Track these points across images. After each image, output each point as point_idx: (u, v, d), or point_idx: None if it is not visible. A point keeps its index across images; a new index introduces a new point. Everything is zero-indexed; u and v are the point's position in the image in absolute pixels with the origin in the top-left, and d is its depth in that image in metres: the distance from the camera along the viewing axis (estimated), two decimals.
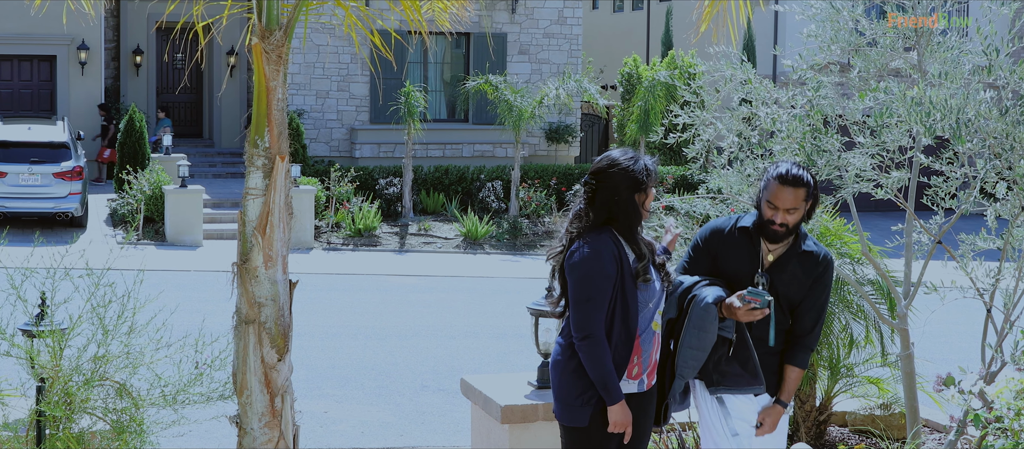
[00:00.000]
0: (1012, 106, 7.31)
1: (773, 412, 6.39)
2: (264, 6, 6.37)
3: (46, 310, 6.98)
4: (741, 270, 6.31)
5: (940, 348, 13.88)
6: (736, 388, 6.29)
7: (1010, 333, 7.77)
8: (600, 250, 5.96)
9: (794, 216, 6.20)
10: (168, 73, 34.31)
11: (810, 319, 6.36)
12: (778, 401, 6.40)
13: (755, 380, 6.27)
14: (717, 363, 6.29)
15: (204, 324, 7.46)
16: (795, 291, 6.29)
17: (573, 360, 6.07)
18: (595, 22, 41.64)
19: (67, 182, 23.54)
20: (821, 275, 6.33)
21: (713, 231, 6.46)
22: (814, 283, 6.32)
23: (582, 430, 6.09)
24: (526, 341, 9.15)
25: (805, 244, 6.33)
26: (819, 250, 6.36)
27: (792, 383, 6.41)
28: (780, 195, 6.17)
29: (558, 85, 26.29)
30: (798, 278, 6.28)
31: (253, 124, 6.43)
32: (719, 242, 6.41)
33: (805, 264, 6.29)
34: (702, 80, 9.25)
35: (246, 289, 6.41)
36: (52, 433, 6.88)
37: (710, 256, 6.43)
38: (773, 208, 6.20)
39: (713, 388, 6.34)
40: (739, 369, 6.27)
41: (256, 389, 6.45)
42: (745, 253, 6.33)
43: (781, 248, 6.32)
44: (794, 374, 6.40)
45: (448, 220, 27.22)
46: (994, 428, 5.71)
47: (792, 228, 6.24)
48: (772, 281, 6.27)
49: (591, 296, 5.92)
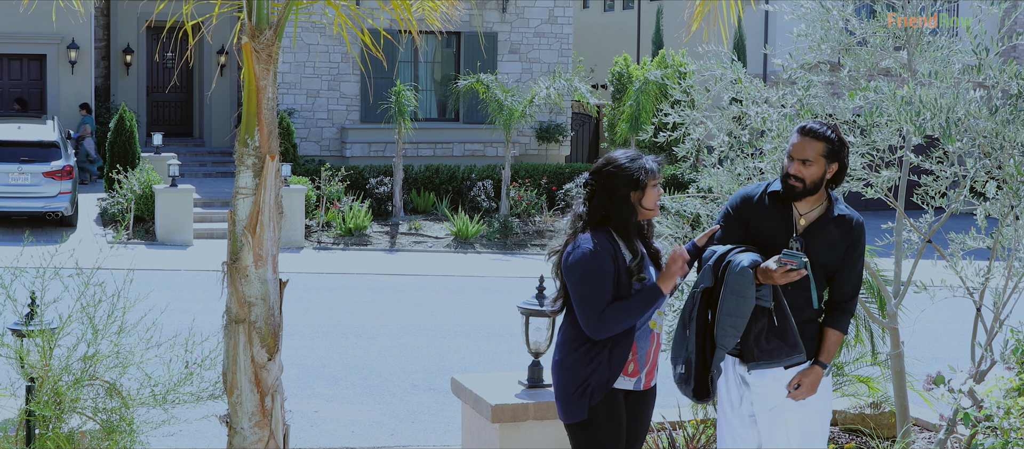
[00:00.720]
0: (1001, 105, 7.33)
1: (811, 373, 6.26)
2: (254, 5, 6.37)
3: (36, 310, 6.96)
4: (775, 235, 6.24)
5: (930, 347, 13.90)
6: (776, 361, 6.18)
7: (999, 332, 7.78)
8: (595, 248, 5.97)
9: (810, 171, 6.14)
10: (158, 72, 34.27)
11: (850, 285, 6.29)
12: (817, 362, 6.28)
13: (795, 350, 6.15)
14: (757, 338, 6.18)
15: (194, 323, 7.45)
16: (830, 256, 6.21)
17: (570, 357, 6.09)
18: (586, 21, 41.64)
19: (57, 181, 23.49)
20: (856, 239, 6.26)
21: (743, 198, 6.40)
22: (850, 248, 6.24)
23: (582, 424, 6.09)
24: (517, 340, 9.15)
25: (838, 207, 6.27)
26: (852, 214, 6.29)
27: (832, 345, 6.30)
28: (796, 145, 6.15)
29: (549, 84, 26.28)
30: (833, 242, 6.21)
31: (243, 123, 6.42)
32: (750, 209, 6.34)
33: (839, 228, 6.23)
34: (692, 79, 9.26)
35: (236, 288, 6.41)
36: (42, 433, 6.87)
37: (742, 224, 6.35)
38: (790, 159, 6.19)
39: (753, 364, 6.23)
40: (778, 342, 6.16)
41: (246, 388, 6.44)
42: (777, 218, 6.26)
43: (814, 212, 6.25)
44: (834, 336, 6.29)
45: (439, 219, 27.21)
46: (984, 427, 5.72)
47: (809, 185, 6.16)
48: (806, 246, 6.19)
49: (594, 290, 5.93)
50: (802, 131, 6.19)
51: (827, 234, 6.21)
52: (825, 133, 6.16)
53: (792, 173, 6.18)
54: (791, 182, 6.19)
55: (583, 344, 6.06)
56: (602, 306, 5.92)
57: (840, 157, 6.21)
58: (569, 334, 6.15)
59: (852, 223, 6.26)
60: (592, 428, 6.09)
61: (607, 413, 6.06)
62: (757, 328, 6.19)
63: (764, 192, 6.36)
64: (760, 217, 6.31)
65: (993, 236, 7.88)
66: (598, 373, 6.03)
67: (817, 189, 6.22)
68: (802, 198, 6.23)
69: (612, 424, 6.08)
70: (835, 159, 6.19)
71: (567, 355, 6.11)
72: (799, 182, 6.17)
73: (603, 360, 6.03)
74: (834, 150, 6.17)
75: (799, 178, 6.17)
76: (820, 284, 6.26)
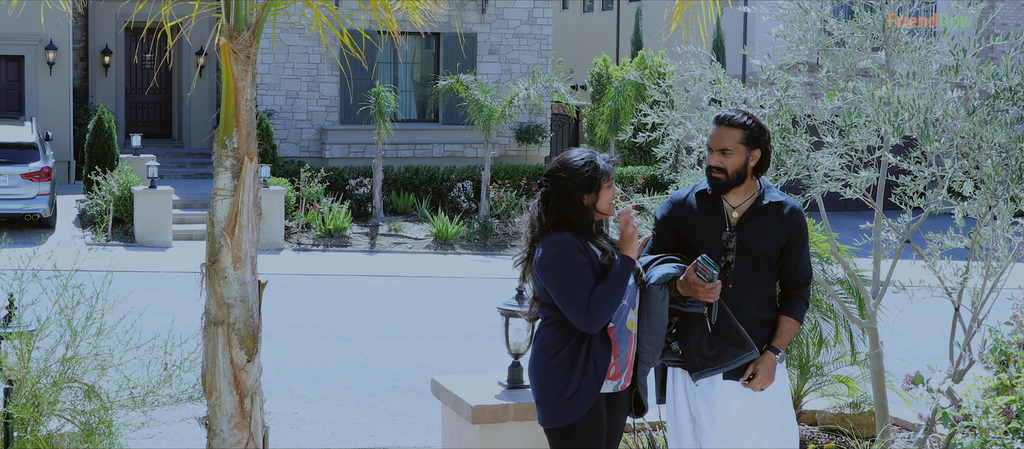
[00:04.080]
0: (979, 106, 7.35)
1: (764, 359, 6.17)
2: (232, 6, 6.35)
3: (14, 312, 6.94)
4: (708, 233, 6.21)
5: (909, 347, 13.94)
6: (725, 363, 6.10)
7: (978, 332, 7.80)
8: (566, 246, 5.94)
9: (731, 160, 6.12)
10: (137, 73, 34.16)
11: (800, 273, 6.26)
12: (769, 347, 6.21)
13: (743, 347, 6.08)
14: (698, 345, 6.12)
15: (173, 325, 7.43)
16: (768, 244, 6.18)
17: (552, 362, 6.05)
18: (565, 22, 41.68)
19: (35, 183, 23.41)
20: (797, 225, 6.22)
21: (671, 204, 6.38)
22: (792, 236, 6.21)
23: (564, 428, 6.05)
24: (497, 341, 9.15)
25: (770, 194, 6.23)
26: (786, 200, 6.26)
27: (786, 332, 6.24)
28: (714, 135, 6.15)
29: (528, 85, 26.30)
30: (769, 231, 6.17)
31: (221, 124, 6.41)
32: (679, 212, 6.32)
33: (775, 215, 6.19)
34: (672, 80, 9.30)
35: (215, 290, 6.40)
36: (20, 436, 6.84)
37: (671, 230, 6.33)
38: (710, 151, 6.17)
39: (697, 374, 6.16)
40: (723, 343, 6.08)
41: (225, 390, 6.43)
42: (709, 215, 6.23)
43: (745, 203, 6.22)
44: (789, 324, 6.25)
45: (418, 220, 27.20)
46: (963, 426, 5.74)
47: (731, 174, 6.13)
48: (740, 238, 6.15)
49: (574, 287, 5.90)
50: (718, 120, 6.18)
51: (761, 222, 6.18)
52: (741, 120, 6.14)
53: (713, 165, 6.16)
54: (714, 174, 6.17)
55: (564, 347, 6.03)
56: (586, 296, 5.88)
57: (760, 142, 6.18)
58: (549, 338, 6.10)
59: (787, 209, 6.23)
60: (574, 433, 6.06)
61: (589, 418, 6.04)
62: (695, 336, 6.13)
63: (692, 192, 6.35)
64: (690, 218, 6.28)
65: (971, 236, 7.91)
66: (585, 385, 5.98)
67: (742, 179, 6.19)
68: (728, 189, 6.21)
69: (593, 428, 6.06)
70: (756, 145, 6.16)
71: (548, 359, 6.07)
72: (721, 173, 6.15)
73: (588, 369, 5.98)
74: (753, 135, 6.14)
75: (721, 169, 6.15)
76: (763, 283, 6.21)
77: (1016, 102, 7.36)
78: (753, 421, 6.21)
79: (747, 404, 6.22)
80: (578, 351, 6.00)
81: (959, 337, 7.96)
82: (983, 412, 5.58)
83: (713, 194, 6.25)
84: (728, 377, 6.23)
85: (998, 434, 5.48)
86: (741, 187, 6.23)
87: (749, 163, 6.18)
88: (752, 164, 6.20)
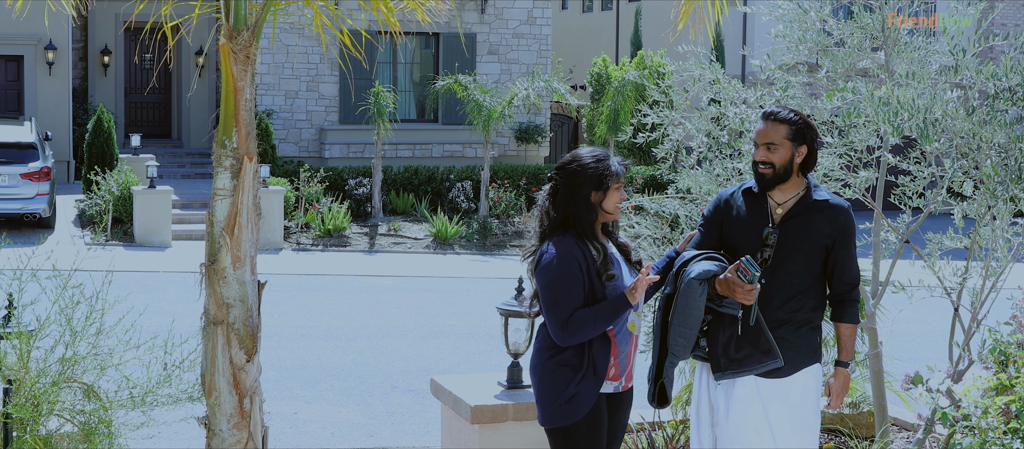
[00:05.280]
0: (978, 106, 7.35)
1: (839, 375, 6.24)
2: (232, 6, 6.35)
3: (13, 312, 6.94)
4: (751, 229, 6.18)
5: (908, 347, 13.94)
6: (748, 369, 6.09)
7: (977, 332, 7.81)
8: (564, 254, 5.93)
9: (776, 155, 6.08)
10: (137, 73, 34.16)
11: (849, 274, 6.21)
12: (839, 363, 6.26)
13: (769, 355, 6.06)
14: (725, 347, 6.11)
15: (173, 325, 7.43)
16: (813, 243, 6.12)
17: (552, 361, 6.03)
18: (564, 22, 41.68)
19: (35, 183, 23.40)
20: (843, 227, 6.16)
21: (718, 200, 6.37)
22: (838, 238, 6.16)
23: (565, 429, 6.03)
24: (496, 341, 9.15)
25: (817, 193, 6.19)
26: (835, 200, 6.20)
27: (847, 340, 6.26)
28: (761, 130, 6.12)
29: (527, 85, 26.29)
30: (814, 230, 6.12)
31: (221, 124, 6.41)
32: (725, 208, 6.30)
33: (822, 214, 6.14)
34: (671, 80, 9.30)
35: (214, 290, 6.39)
36: (19, 435, 6.84)
37: (716, 226, 6.32)
38: (756, 146, 6.14)
39: (719, 374, 6.15)
40: (750, 349, 6.06)
41: (225, 390, 6.43)
42: (753, 212, 6.20)
43: (790, 200, 6.18)
44: (847, 331, 6.25)
45: (418, 220, 27.20)
46: (962, 426, 5.75)
47: (779, 169, 6.10)
48: (782, 235, 6.11)
49: (558, 298, 5.90)
50: (765, 115, 6.16)
51: (806, 220, 6.13)
52: (787, 116, 6.11)
53: (759, 160, 6.13)
54: (760, 169, 6.14)
55: (565, 348, 6.03)
56: (568, 313, 5.86)
57: (807, 139, 6.14)
58: (550, 338, 6.10)
59: (835, 210, 6.17)
60: (574, 433, 6.05)
61: (590, 419, 6.02)
62: (724, 337, 6.11)
63: (738, 189, 6.32)
64: (735, 215, 6.25)
65: (971, 236, 7.92)
66: (586, 385, 5.97)
67: (788, 174, 6.14)
68: (774, 185, 6.16)
69: (594, 429, 6.05)
70: (802, 141, 6.12)
71: (549, 359, 6.05)
72: (768, 168, 6.11)
73: (589, 370, 5.99)
74: (799, 131, 6.10)
75: (767, 163, 6.12)
76: (810, 270, 6.16)
77: (1015, 102, 7.36)
78: (771, 420, 6.19)
79: (769, 403, 6.19)
80: (579, 351, 5.99)
81: (958, 337, 7.97)
82: (982, 412, 5.59)
83: (759, 190, 6.22)
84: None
85: (997, 434, 5.48)
86: (787, 184, 6.18)
87: (795, 159, 6.14)
88: (798, 160, 6.15)
